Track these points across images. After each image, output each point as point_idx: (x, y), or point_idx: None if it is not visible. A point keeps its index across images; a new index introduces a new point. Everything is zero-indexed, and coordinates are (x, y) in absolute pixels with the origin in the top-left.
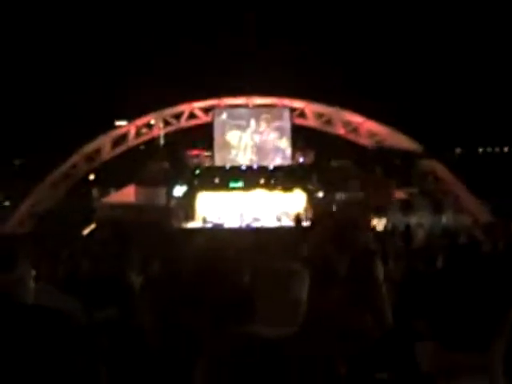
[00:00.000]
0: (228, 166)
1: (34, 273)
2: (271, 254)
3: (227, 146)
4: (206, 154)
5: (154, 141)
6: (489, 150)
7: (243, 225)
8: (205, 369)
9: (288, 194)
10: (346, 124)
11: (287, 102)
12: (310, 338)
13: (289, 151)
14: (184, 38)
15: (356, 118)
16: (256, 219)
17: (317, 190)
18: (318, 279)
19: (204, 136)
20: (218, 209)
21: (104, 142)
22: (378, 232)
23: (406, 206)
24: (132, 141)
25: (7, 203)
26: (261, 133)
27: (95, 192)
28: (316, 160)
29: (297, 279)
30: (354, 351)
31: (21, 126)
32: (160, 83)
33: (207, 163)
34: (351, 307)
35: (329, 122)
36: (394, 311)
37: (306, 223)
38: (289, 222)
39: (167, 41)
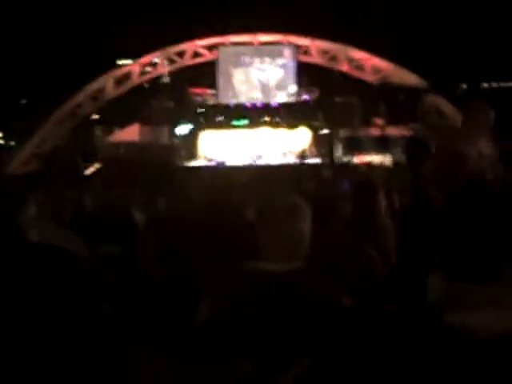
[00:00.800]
0: (232, 103)
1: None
2: (275, 190)
3: (231, 84)
4: (210, 92)
5: (157, 79)
6: (494, 85)
7: (247, 163)
8: (209, 307)
9: (292, 132)
10: (351, 60)
11: (292, 39)
12: (315, 272)
13: (293, 88)
14: None
15: (361, 55)
16: (260, 157)
17: (321, 127)
18: (323, 215)
19: (208, 74)
20: (222, 147)
21: (108, 80)
22: (383, 167)
23: None
24: (136, 79)
25: (12, 143)
26: (265, 70)
27: (99, 131)
28: (321, 97)
29: (299, 214)
30: (359, 285)
31: (24, 65)
32: (163, 21)
33: (211, 101)
34: (355, 242)
35: (334, 58)
36: (399, 244)
37: (310, 160)
38: (293, 160)
39: None
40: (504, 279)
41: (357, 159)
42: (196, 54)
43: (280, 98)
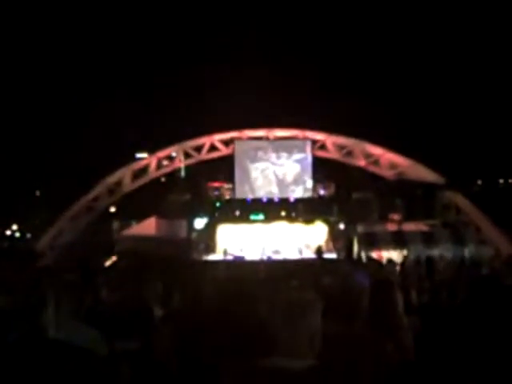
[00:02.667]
0: (249, 198)
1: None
2: (291, 286)
3: (248, 178)
4: (227, 186)
5: (174, 173)
6: (510, 181)
7: (264, 257)
8: None
9: (309, 226)
10: (367, 156)
11: (308, 134)
12: (331, 368)
13: (310, 183)
14: (205, 71)
15: (377, 150)
16: (277, 252)
17: (338, 222)
18: (341, 311)
19: (225, 168)
20: (239, 241)
21: (125, 174)
22: (400, 264)
23: (428, 238)
24: (153, 173)
25: (28, 235)
26: (281, 165)
27: (116, 224)
28: (337, 192)
29: (311, 309)
30: (375, 378)
31: (42, 157)
32: (181, 116)
33: (228, 196)
34: (373, 336)
35: (350, 153)
36: (416, 343)
37: (326, 255)
38: (310, 254)
39: (187, 73)
40: None
41: (374, 254)
42: (213, 148)
43: (296, 192)
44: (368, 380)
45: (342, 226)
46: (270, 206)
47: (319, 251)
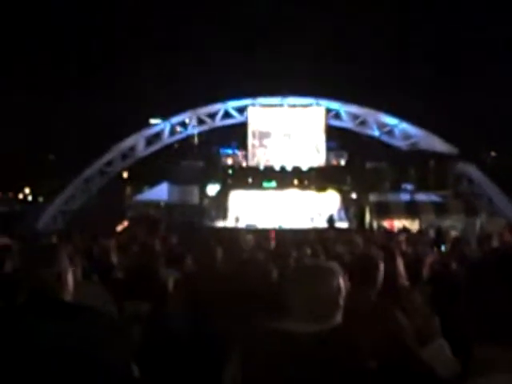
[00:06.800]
0: (262, 165)
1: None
2: (303, 252)
3: (261, 145)
4: (240, 153)
5: (188, 139)
6: None
7: (276, 225)
8: (237, 365)
9: (321, 195)
10: (381, 125)
11: (322, 102)
12: (340, 335)
13: (323, 152)
14: (219, 37)
15: (391, 120)
16: (289, 219)
17: (350, 191)
18: (358, 280)
19: (238, 135)
20: (251, 208)
21: (138, 139)
22: (412, 234)
23: (440, 209)
24: (166, 139)
25: (41, 199)
26: (295, 133)
27: (128, 189)
28: (350, 161)
29: (328, 276)
30: (387, 350)
31: (55, 121)
32: (195, 82)
33: (241, 163)
34: (382, 304)
35: (363, 123)
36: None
37: (338, 224)
38: (322, 223)
39: (202, 40)
40: None
41: (385, 224)
42: (226, 115)
43: (309, 161)
44: (378, 347)
45: (354, 195)
46: (282, 173)
47: (331, 220)
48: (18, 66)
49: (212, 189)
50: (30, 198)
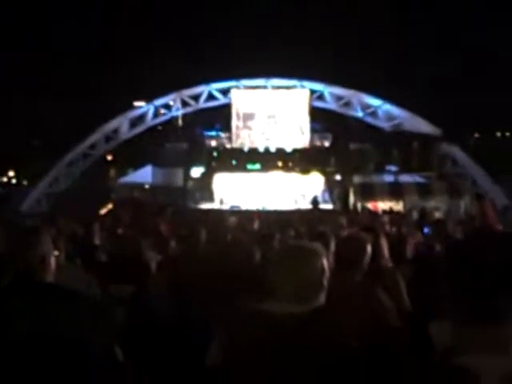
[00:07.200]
0: (246, 147)
1: (55, 252)
2: (287, 234)
3: (245, 127)
4: (224, 135)
5: (172, 121)
6: (507, 134)
7: (260, 207)
8: (220, 345)
9: (305, 177)
10: (365, 107)
11: (306, 83)
12: (323, 315)
13: (307, 133)
14: (204, 19)
15: (374, 101)
16: (273, 201)
17: (334, 173)
18: (345, 263)
19: (222, 118)
20: (235, 190)
21: (122, 121)
22: (395, 214)
23: (424, 190)
24: (150, 121)
25: (25, 182)
26: (279, 115)
27: (112, 172)
28: (334, 142)
29: (312, 257)
30: (372, 331)
31: (39, 104)
32: (178, 64)
33: (225, 144)
34: (365, 284)
35: (347, 104)
36: (409, 290)
37: (322, 205)
38: (306, 205)
39: (186, 21)
40: (509, 324)
41: (369, 205)
42: (210, 97)
43: (293, 143)
44: (361, 327)
45: (338, 177)
46: (266, 155)
47: (315, 201)
48: None
49: (196, 171)
50: (14, 181)
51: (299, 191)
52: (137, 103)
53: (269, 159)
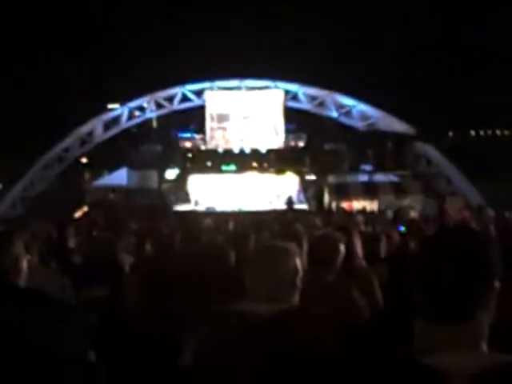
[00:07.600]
0: (220, 149)
1: (27, 256)
2: (262, 234)
3: (219, 128)
4: (199, 137)
5: (146, 123)
6: (481, 133)
7: (235, 208)
8: (193, 347)
9: (280, 177)
10: (339, 107)
11: (280, 84)
12: (297, 315)
13: (281, 134)
14: (177, 20)
15: (348, 101)
16: (248, 202)
17: (309, 173)
18: (318, 262)
19: (196, 119)
20: (210, 192)
21: (96, 124)
22: (370, 214)
23: (399, 189)
24: (124, 123)
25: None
26: (253, 115)
27: (87, 175)
28: (308, 143)
29: (285, 257)
30: (347, 329)
31: (13, 108)
32: (152, 66)
33: (200, 146)
34: (344, 289)
35: (321, 104)
36: (384, 290)
37: (297, 206)
38: (281, 205)
39: (159, 22)
40: (477, 321)
41: (344, 205)
42: (184, 99)
43: (268, 143)
44: (334, 327)
45: (312, 177)
46: (241, 156)
47: (290, 202)
48: None
49: (171, 173)
50: None
51: (274, 192)
52: (111, 105)
53: (244, 160)
